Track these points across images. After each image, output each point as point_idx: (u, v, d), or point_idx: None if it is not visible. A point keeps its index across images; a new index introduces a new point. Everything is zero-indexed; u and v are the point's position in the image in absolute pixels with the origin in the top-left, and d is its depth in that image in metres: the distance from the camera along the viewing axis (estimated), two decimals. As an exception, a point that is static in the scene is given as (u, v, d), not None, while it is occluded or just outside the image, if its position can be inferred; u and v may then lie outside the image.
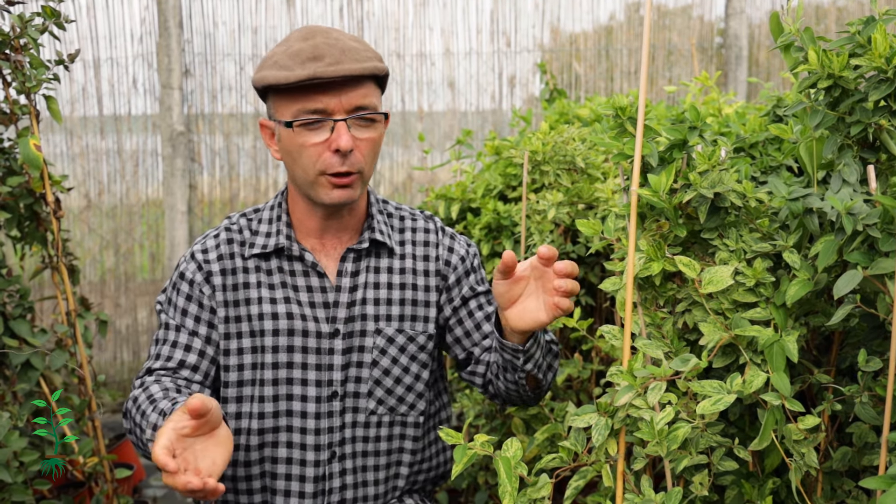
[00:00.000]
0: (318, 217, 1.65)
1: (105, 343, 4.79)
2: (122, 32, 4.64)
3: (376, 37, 4.83)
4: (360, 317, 1.66)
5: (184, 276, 1.66)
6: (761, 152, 2.17)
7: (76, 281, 2.68)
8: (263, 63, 1.58)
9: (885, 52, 1.29)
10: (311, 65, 1.51)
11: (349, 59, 1.53)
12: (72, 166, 4.67)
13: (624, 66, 5.03)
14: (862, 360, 1.31)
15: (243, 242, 1.67)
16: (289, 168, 1.62)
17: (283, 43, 1.59)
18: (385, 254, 1.71)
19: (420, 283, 1.72)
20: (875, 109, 1.35)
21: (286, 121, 1.56)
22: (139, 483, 3.50)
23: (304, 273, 1.66)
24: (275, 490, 1.65)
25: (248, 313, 1.63)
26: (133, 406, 1.54)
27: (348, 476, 1.66)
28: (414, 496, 1.78)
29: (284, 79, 1.52)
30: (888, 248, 1.21)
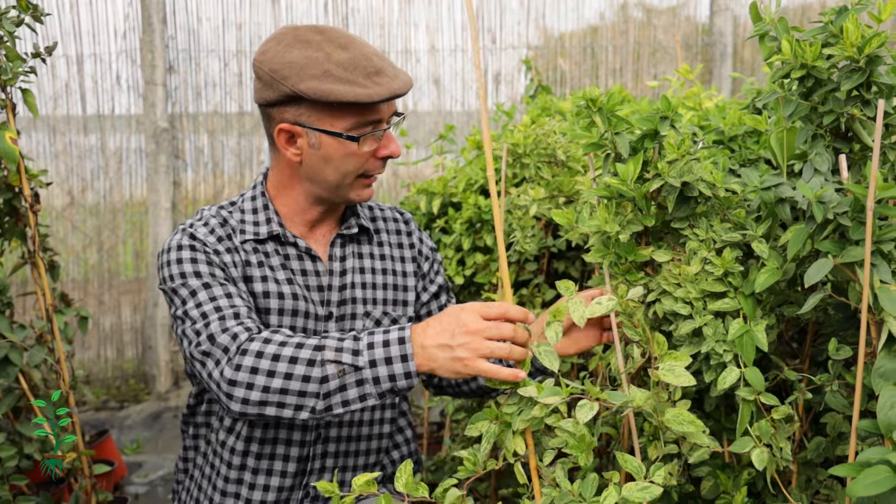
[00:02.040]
0: (318, 211, 1.68)
1: (89, 341, 4.77)
2: (106, 28, 4.62)
3: (361, 33, 4.82)
4: (351, 300, 1.69)
5: (195, 247, 1.58)
6: (740, 145, 2.17)
7: (56, 277, 2.66)
8: (303, 70, 1.52)
9: (857, 41, 1.29)
10: (381, 80, 1.53)
11: (397, 68, 1.58)
12: (54, 163, 4.65)
13: (609, 63, 5.04)
14: (832, 349, 1.31)
15: (234, 229, 1.66)
16: (315, 171, 1.60)
17: (306, 46, 1.54)
18: (366, 240, 1.76)
19: (398, 268, 1.78)
20: (847, 99, 1.35)
21: (346, 134, 1.55)
22: (121, 480, 3.48)
23: (298, 257, 1.67)
24: (257, 469, 1.64)
25: (252, 290, 1.61)
26: (274, 350, 1.40)
27: (329, 459, 1.68)
28: (388, 485, 1.80)
29: (367, 97, 1.50)
30: (858, 236, 1.21)
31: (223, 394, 1.42)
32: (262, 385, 1.38)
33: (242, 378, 1.39)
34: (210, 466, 1.70)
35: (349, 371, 1.36)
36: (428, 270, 1.84)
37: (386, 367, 1.36)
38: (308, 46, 1.54)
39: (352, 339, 1.39)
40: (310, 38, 1.55)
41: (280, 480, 1.65)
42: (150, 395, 4.71)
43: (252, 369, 1.39)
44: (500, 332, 1.33)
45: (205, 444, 1.73)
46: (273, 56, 1.55)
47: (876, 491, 1.07)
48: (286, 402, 1.38)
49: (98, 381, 4.79)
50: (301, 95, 1.52)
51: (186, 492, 1.76)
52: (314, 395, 1.37)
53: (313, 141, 1.57)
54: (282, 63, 1.53)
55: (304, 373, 1.37)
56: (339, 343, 1.39)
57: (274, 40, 1.58)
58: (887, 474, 1.08)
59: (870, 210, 1.20)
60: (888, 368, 1.20)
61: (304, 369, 1.37)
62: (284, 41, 1.56)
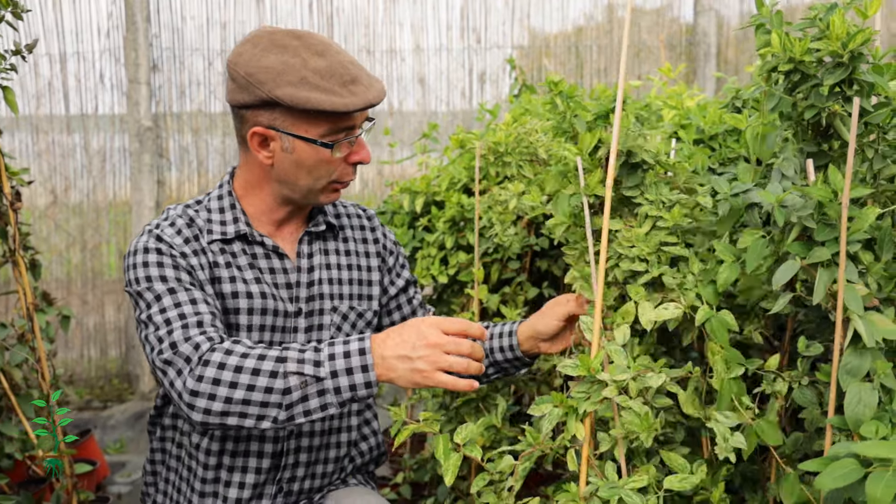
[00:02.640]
0: (285, 211, 1.70)
1: (72, 340, 4.75)
2: (89, 27, 4.60)
3: (346, 33, 4.82)
4: (319, 296, 1.72)
5: (161, 251, 1.59)
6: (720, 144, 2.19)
7: (38, 276, 2.65)
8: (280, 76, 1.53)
9: (843, 36, 1.30)
10: (357, 89, 1.55)
11: (372, 76, 1.61)
12: (37, 162, 4.63)
13: (594, 63, 5.06)
14: (801, 346, 1.32)
15: (200, 229, 1.66)
16: (287, 175, 1.62)
17: (283, 51, 1.55)
18: (331, 237, 1.79)
19: (363, 263, 1.82)
20: (829, 94, 1.36)
21: (320, 140, 1.57)
22: (103, 480, 3.48)
23: (265, 256, 1.69)
24: (232, 467, 1.66)
25: (220, 291, 1.62)
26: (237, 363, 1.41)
27: (302, 454, 1.70)
28: (357, 476, 1.85)
29: (343, 107, 1.53)
30: (824, 237, 1.23)
31: (185, 404, 1.43)
32: (224, 396, 1.40)
33: (204, 389, 1.40)
34: (187, 469, 1.71)
35: (311, 382, 1.39)
36: (393, 264, 1.89)
37: (347, 378, 1.39)
38: (285, 51, 1.55)
39: (313, 351, 1.42)
40: (286, 43, 1.56)
41: (255, 477, 1.66)
42: (134, 394, 4.70)
43: (214, 380, 1.40)
44: (459, 347, 1.39)
45: (175, 448, 1.74)
46: (249, 59, 1.55)
47: (843, 483, 1.09)
48: (248, 412, 1.40)
49: (81, 380, 4.77)
50: (277, 101, 1.53)
51: (163, 494, 1.77)
52: (276, 406, 1.40)
53: (287, 145, 1.58)
54: (258, 67, 1.54)
55: (267, 384, 1.39)
56: (300, 354, 1.41)
57: (250, 43, 1.58)
58: (854, 467, 1.10)
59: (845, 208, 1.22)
60: (854, 365, 1.21)
61: (267, 381, 1.39)
62: (261, 45, 1.56)
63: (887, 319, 1.21)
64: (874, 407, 1.18)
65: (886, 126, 1.43)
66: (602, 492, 1.31)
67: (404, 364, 1.38)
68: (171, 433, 1.74)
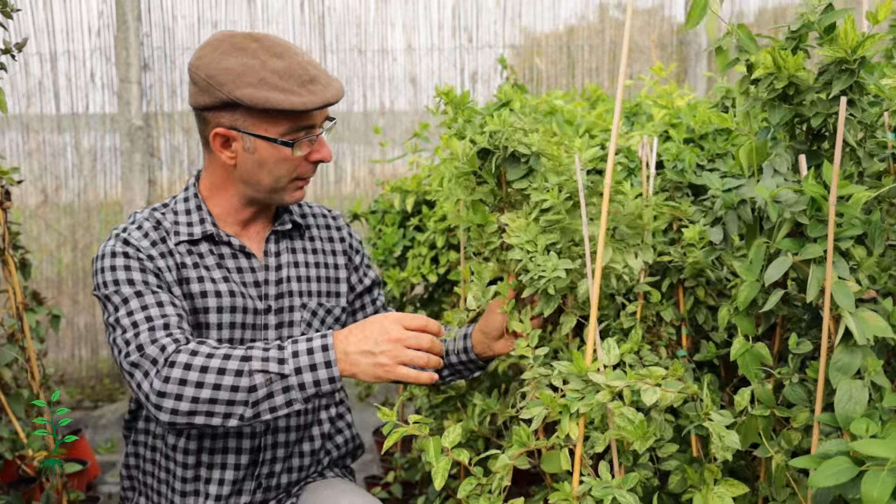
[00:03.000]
0: (251, 211, 1.74)
1: (63, 340, 4.73)
2: (80, 26, 4.58)
3: (337, 32, 4.81)
4: (288, 293, 1.75)
5: (128, 254, 1.61)
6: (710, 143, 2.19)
7: (28, 275, 2.64)
8: (240, 77, 1.56)
9: (854, 43, 1.31)
10: (315, 88, 1.59)
11: (331, 77, 1.64)
12: (28, 161, 4.61)
13: (585, 63, 5.06)
14: (792, 344, 1.33)
15: (168, 231, 1.69)
16: (250, 174, 1.65)
17: (243, 53, 1.58)
18: (298, 236, 1.83)
19: (330, 261, 1.86)
20: (830, 100, 1.36)
21: (280, 139, 1.60)
22: (94, 479, 3.46)
23: (232, 255, 1.72)
24: (211, 464, 1.68)
25: (189, 292, 1.65)
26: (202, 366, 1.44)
27: (280, 449, 1.73)
28: (334, 469, 1.88)
29: (301, 105, 1.56)
30: (816, 233, 1.23)
31: (152, 405, 1.46)
32: (190, 396, 1.44)
33: (171, 390, 1.44)
34: (164, 471, 1.72)
35: (276, 379, 1.43)
36: (360, 263, 1.92)
37: (311, 374, 1.44)
38: (244, 54, 1.59)
39: (276, 349, 1.46)
40: (246, 45, 1.60)
41: (234, 473, 1.69)
42: (125, 394, 4.69)
43: (180, 381, 1.44)
44: (419, 342, 1.45)
45: (150, 451, 1.75)
46: (209, 62, 1.59)
47: (835, 481, 1.09)
48: (214, 411, 1.44)
49: (72, 380, 4.75)
50: (237, 102, 1.57)
51: (145, 497, 1.78)
52: (242, 404, 1.44)
53: (248, 145, 1.62)
54: (218, 69, 1.58)
55: (233, 383, 1.43)
56: (264, 353, 1.45)
57: (210, 46, 1.62)
58: (846, 465, 1.10)
59: (832, 205, 1.22)
60: (845, 362, 1.22)
61: (232, 380, 1.43)
62: (221, 48, 1.60)
63: (878, 316, 1.22)
64: (864, 404, 1.18)
65: (875, 125, 1.44)
66: (595, 491, 1.31)
67: (367, 359, 1.44)
68: (145, 437, 1.75)
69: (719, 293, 1.84)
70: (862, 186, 1.27)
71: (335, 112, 4.92)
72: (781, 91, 1.40)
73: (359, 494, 1.71)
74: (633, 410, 1.33)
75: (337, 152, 4.97)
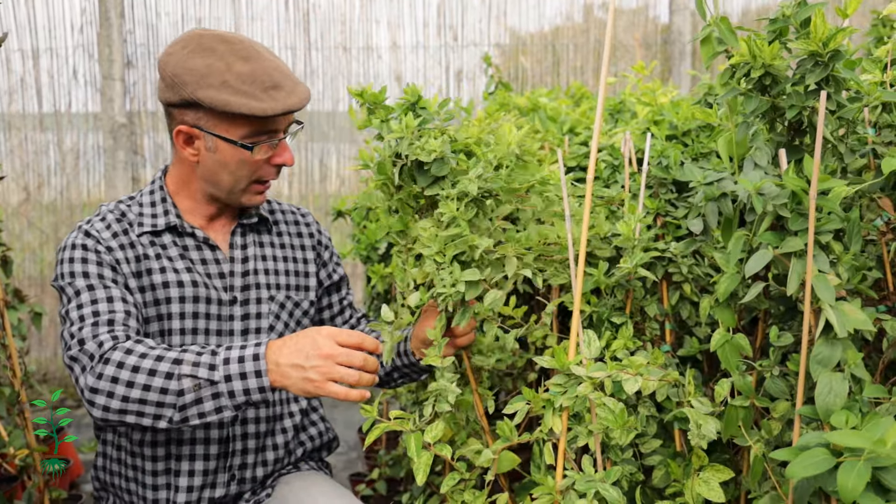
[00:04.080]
0: (214, 208, 1.75)
1: (46, 339, 4.70)
2: (62, 22, 4.56)
3: (322, 30, 4.80)
4: (255, 285, 1.76)
5: (87, 247, 1.63)
6: (693, 140, 2.20)
7: (9, 273, 2.62)
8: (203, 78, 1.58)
9: (824, 36, 1.32)
10: (278, 95, 1.59)
11: (296, 83, 1.64)
12: (10, 159, 4.57)
13: (570, 61, 5.07)
14: (773, 337, 1.33)
15: (131, 222, 1.71)
16: (212, 173, 1.67)
17: (209, 54, 1.60)
18: (265, 230, 1.84)
19: (299, 255, 1.86)
20: (807, 93, 1.37)
21: (241, 142, 1.61)
22: (77, 479, 3.44)
23: (196, 247, 1.74)
24: (180, 456, 1.69)
25: (150, 283, 1.66)
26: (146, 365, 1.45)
27: (250, 440, 1.73)
28: (310, 462, 1.88)
29: (261, 111, 1.57)
30: (797, 227, 1.24)
31: (86, 400, 1.47)
32: (121, 395, 1.44)
33: (103, 387, 1.45)
34: (132, 469, 1.72)
35: (205, 385, 1.43)
36: (328, 259, 1.93)
37: (241, 382, 1.43)
38: (211, 55, 1.60)
39: (209, 354, 1.46)
40: (214, 46, 1.61)
41: (204, 464, 1.69)
42: (109, 393, 4.66)
43: (112, 379, 1.45)
44: (351, 359, 1.42)
45: (115, 451, 1.75)
46: (177, 60, 1.61)
47: (814, 472, 1.10)
48: (144, 411, 1.45)
49: (55, 379, 4.72)
50: (199, 102, 1.59)
51: (115, 496, 1.78)
52: (171, 406, 1.44)
53: (210, 144, 1.64)
54: (184, 69, 1.59)
55: (162, 385, 1.43)
56: (196, 357, 1.45)
57: (180, 44, 1.63)
58: (824, 456, 1.11)
59: (812, 199, 1.23)
60: (825, 355, 1.23)
61: (162, 382, 1.43)
62: (189, 47, 1.62)
63: (858, 309, 1.23)
64: (845, 396, 1.19)
65: (856, 120, 1.45)
66: (579, 485, 1.31)
67: (297, 372, 1.42)
68: (112, 436, 1.75)
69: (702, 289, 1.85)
70: (843, 181, 1.28)
71: (316, 110, 4.91)
72: (758, 81, 1.41)
73: (338, 492, 1.70)
74: (614, 400, 1.33)
75: (322, 151, 4.97)
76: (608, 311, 1.75)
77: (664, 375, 1.34)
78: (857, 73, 1.47)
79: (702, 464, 1.47)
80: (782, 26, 1.43)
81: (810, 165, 1.28)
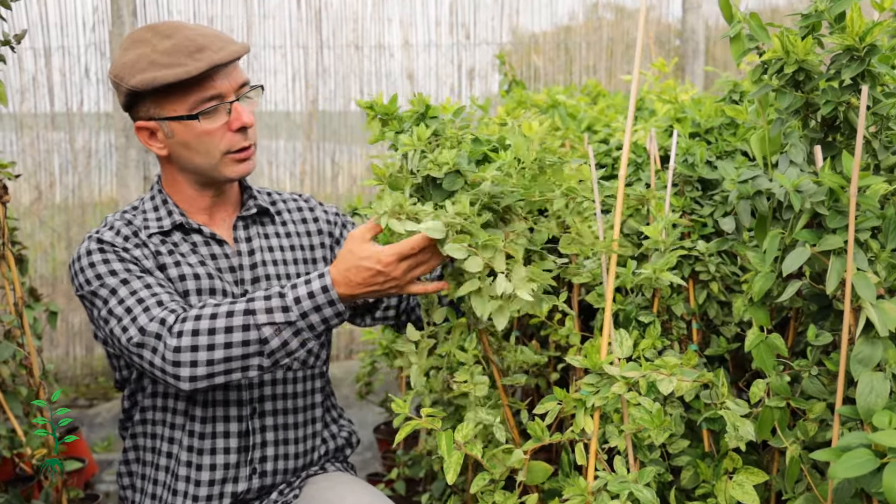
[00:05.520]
0: (208, 196, 1.76)
1: (57, 338, 4.70)
2: (74, 21, 4.55)
3: (334, 28, 4.79)
4: (265, 277, 1.78)
5: (104, 249, 1.64)
6: (717, 137, 2.18)
7: (24, 271, 2.61)
8: (133, 67, 1.60)
9: (861, 30, 1.30)
10: (202, 55, 1.59)
11: (227, 42, 1.64)
12: (21, 158, 4.57)
13: (583, 60, 5.05)
14: (811, 336, 1.32)
15: (138, 227, 1.72)
16: (183, 159, 1.69)
17: (138, 45, 1.62)
18: (269, 221, 1.85)
19: (305, 243, 1.87)
20: (842, 89, 1.35)
21: (186, 114, 1.62)
22: (91, 478, 3.44)
23: (205, 243, 1.75)
24: (201, 450, 1.70)
25: (168, 277, 1.68)
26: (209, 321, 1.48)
27: (269, 433, 1.74)
28: (336, 463, 1.88)
29: (185, 74, 1.57)
30: (835, 224, 1.22)
31: (170, 377, 1.50)
32: (205, 359, 1.47)
33: (185, 358, 1.47)
34: (155, 468, 1.74)
35: (284, 328, 1.47)
36: (341, 234, 1.92)
37: (317, 314, 1.47)
38: (140, 45, 1.63)
39: (278, 297, 1.48)
40: (142, 37, 1.64)
41: (225, 457, 1.70)
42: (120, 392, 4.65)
43: (192, 348, 1.47)
44: (414, 270, 1.46)
45: (150, 440, 1.76)
46: (115, 63, 1.65)
47: (857, 473, 1.08)
48: (232, 367, 1.48)
49: (67, 378, 4.71)
50: (135, 90, 1.61)
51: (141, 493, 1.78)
52: (257, 355, 1.48)
53: (167, 131, 1.66)
54: (120, 66, 1.63)
55: (242, 338, 1.47)
56: (267, 303, 1.48)
57: (120, 48, 1.67)
58: (868, 457, 1.09)
59: (853, 196, 1.21)
60: (866, 354, 1.21)
61: (242, 335, 1.47)
62: (124, 45, 1.66)
63: (898, 308, 1.21)
64: (886, 396, 1.17)
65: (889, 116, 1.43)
66: (612, 486, 1.29)
67: (375, 294, 1.47)
68: (142, 427, 1.76)
69: (728, 288, 1.83)
70: (880, 178, 1.26)
71: (328, 109, 4.89)
72: (791, 76, 1.39)
73: (365, 490, 1.70)
74: (650, 400, 1.32)
75: (334, 149, 4.95)
76: (635, 309, 1.73)
77: (698, 376, 1.32)
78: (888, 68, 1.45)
79: (735, 466, 1.45)
80: (815, 21, 1.42)
81: (848, 162, 1.26)
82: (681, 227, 1.81)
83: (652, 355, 1.56)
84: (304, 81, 4.84)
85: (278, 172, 4.88)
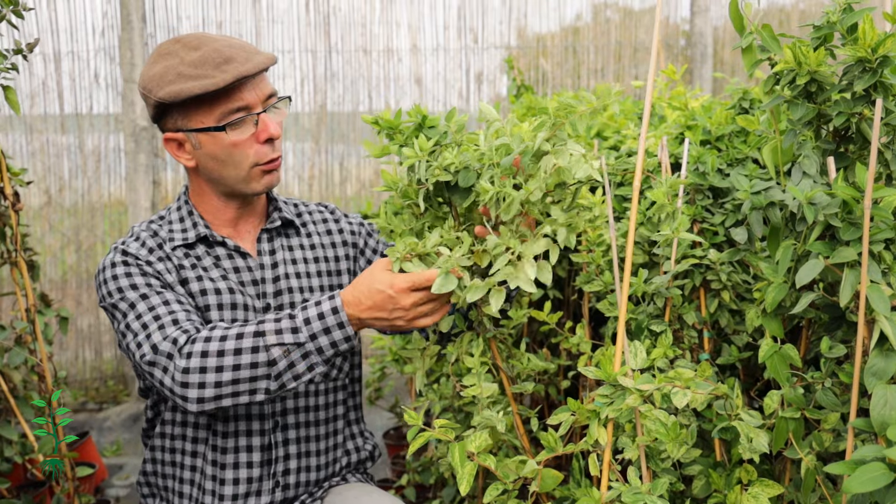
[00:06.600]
0: (234, 208, 1.76)
1: (66, 342, 4.71)
2: (84, 26, 4.57)
3: (342, 32, 4.80)
4: (287, 290, 1.78)
5: (128, 262, 1.65)
6: (727, 145, 2.18)
7: (36, 277, 2.63)
8: (161, 79, 1.61)
9: (873, 42, 1.30)
10: (229, 67, 1.60)
11: (253, 53, 1.64)
12: (31, 162, 4.58)
13: (591, 63, 5.05)
14: (825, 348, 1.31)
15: (163, 239, 1.73)
16: (211, 170, 1.69)
17: (166, 57, 1.63)
18: (293, 233, 1.85)
19: (330, 254, 1.87)
20: (854, 100, 1.35)
21: (214, 126, 1.63)
22: (101, 483, 3.45)
23: (228, 256, 1.75)
24: (224, 464, 1.70)
25: (189, 291, 1.68)
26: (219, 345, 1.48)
27: (291, 446, 1.75)
28: (356, 475, 1.89)
29: (212, 85, 1.58)
30: (849, 236, 1.22)
31: (178, 397, 1.50)
32: (213, 381, 1.47)
33: (193, 379, 1.48)
34: (179, 481, 1.75)
35: (293, 349, 1.46)
36: (365, 243, 1.92)
37: (326, 337, 1.47)
38: (167, 57, 1.63)
39: (287, 318, 1.49)
40: (169, 49, 1.65)
41: (248, 471, 1.71)
42: (130, 396, 4.67)
43: (200, 369, 1.48)
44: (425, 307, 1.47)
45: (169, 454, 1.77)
46: (143, 76, 1.66)
47: (872, 487, 1.08)
48: (240, 390, 1.48)
49: (76, 382, 4.73)
50: (164, 103, 1.62)
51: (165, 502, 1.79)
52: (265, 378, 1.47)
53: (194, 142, 1.67)
54: (148, 79, 1.64)
55: (251, 360, 1.47)
56: (276, 325, 1.48)
57: (146, 61, 1.69)
58: (882, 471, 1.09)
59: (867, 208, 1.21)
60: (880, 367, 1.21)
61: (251, 357, 1.47)
62: (150, 60, 1.66)
63: (912, 321, 1.20)
64: (900, 409, 1.17)
65: (902, 127, 1.43)
66: (626, 497, 1.30)
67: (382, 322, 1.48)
68: (160, 441, 1.77)
69: (740, 297, 1.82)
70: (894, 189, 1.26)
71: (336, 112, 4.90)
72: (803, 88, 1.39)
73: (386, 500, 1.70)
74: (665, 413, 1.32)
75: (342, 153, 4.96)
76: (646, 318, 1.73)
77: (713, 389, 1.32)
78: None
79: (750, 478, 1.45)
80: (827, 32, 1.42)
81: (861, 173, 1.26)
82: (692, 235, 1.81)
83: (664, 365, 1.56)
84: (312, 86, 4.85)
85: (287, 176, 4.89)
